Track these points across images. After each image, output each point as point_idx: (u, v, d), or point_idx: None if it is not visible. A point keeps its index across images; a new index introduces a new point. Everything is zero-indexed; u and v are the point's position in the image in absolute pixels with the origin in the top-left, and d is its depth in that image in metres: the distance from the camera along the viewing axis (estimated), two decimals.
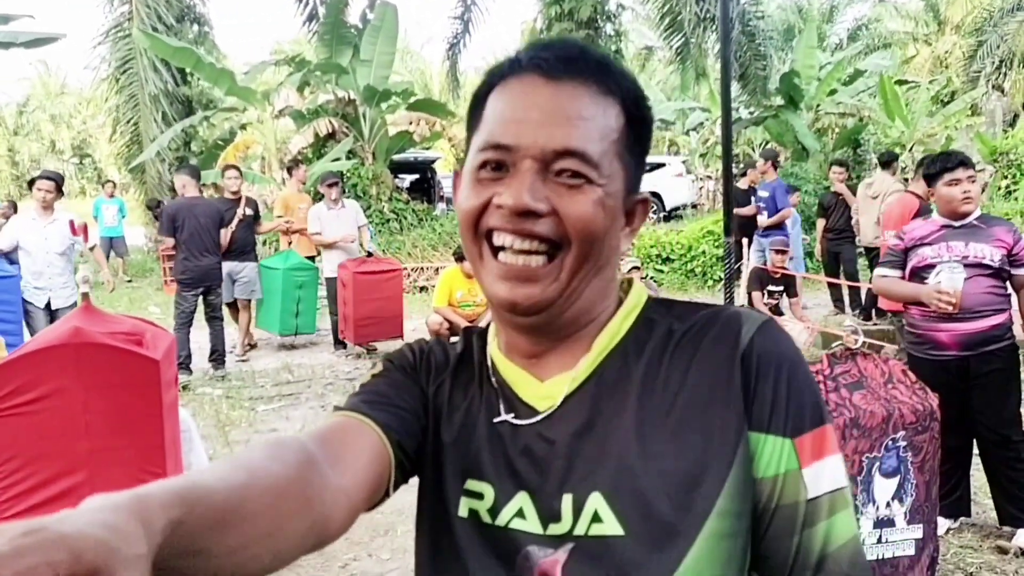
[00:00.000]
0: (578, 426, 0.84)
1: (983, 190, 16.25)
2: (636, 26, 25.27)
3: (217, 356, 7.70)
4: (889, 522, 3.06)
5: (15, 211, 10.62)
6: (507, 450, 0.86)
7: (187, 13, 16.54)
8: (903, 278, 3.88)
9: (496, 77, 0.87)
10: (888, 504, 3.06)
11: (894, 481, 3.06)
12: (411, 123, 16.44)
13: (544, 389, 0.87)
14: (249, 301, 8.44)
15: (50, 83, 48.71)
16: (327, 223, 8.40)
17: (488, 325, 0.96)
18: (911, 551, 3.10)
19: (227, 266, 7.90)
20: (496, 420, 0.88)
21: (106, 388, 2.89)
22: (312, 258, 9.24)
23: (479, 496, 0.86)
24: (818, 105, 16.67)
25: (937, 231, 3.81)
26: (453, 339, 1.01)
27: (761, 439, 0.80)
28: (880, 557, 3.05)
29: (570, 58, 0.83)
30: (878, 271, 4.09)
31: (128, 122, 16.54)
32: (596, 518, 0.80)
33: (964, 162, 3.79)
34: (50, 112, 47.69)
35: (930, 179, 3.90)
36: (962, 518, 4.01)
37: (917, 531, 3.11)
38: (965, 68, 22.05)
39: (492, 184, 0.83)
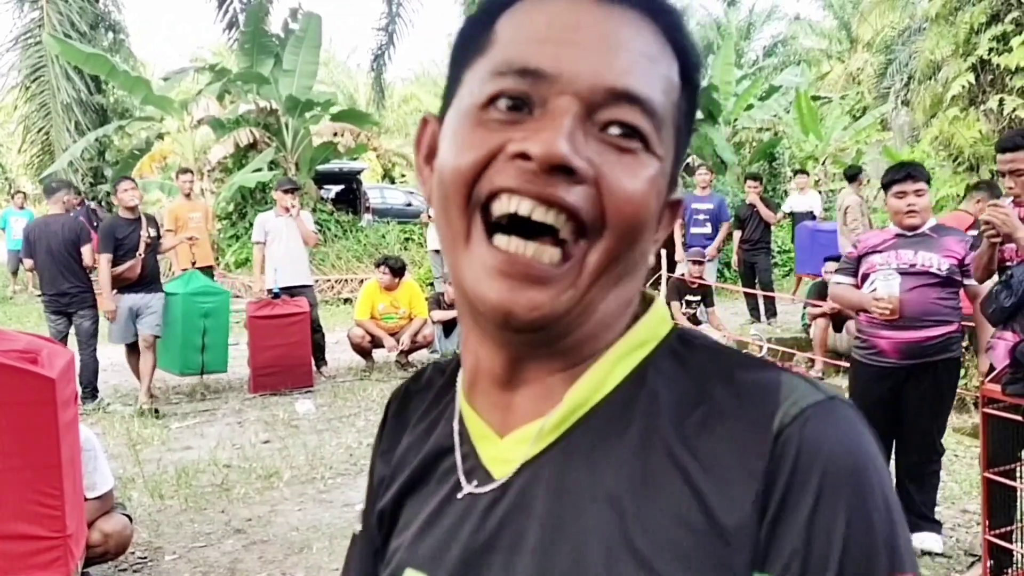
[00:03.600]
0: (529, 512, 0.61)
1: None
2: None
3: (87, 388, 6.69)
4: None
5: None
6: (448, 529, 0.66)
7: (102, 20, 16.13)
8: (856, 286, 3.92)
9: None
10: None
11: None
12: (336, 133, 16.30)
13: (502, 448, 0.64)
14: (155, 339, 6.99)
15: None
16: (276, 233, 7.67)
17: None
18: None
19: (132, 299, 6.80)
20: (446, 491, 0.68)
21: None
22: (187, 270, 8.31)
23: None
24: (736, 119, 17.10)
25: (890, 240, 3.86)
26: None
27: None
28: None
29: None
30: (833, 278, 4.16)
31: (39, 131, 16.03)
32: None
33: (912, 175, 3.80)
34: None
35: (884, 189, 3.93)
36: None
37: None
38: (876, 84, 22.92)
39: (506, 128, 0.58)
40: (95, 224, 8.31)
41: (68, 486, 2.90)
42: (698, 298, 8.99)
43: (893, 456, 4.02)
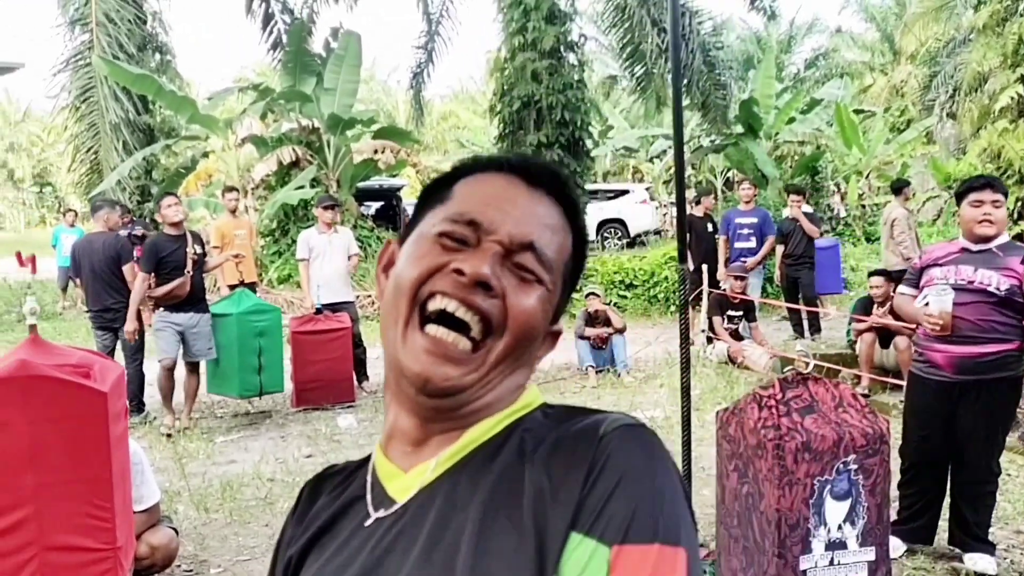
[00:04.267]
0: (422, 524, 0.79)
1: (939, 215, 16.60)
2: (599, 56, 25.59)
3: (132, 401, 6.68)
4: (841, 544, 3.09)
5: None
6: (353, 551, 0.83)
7: (149, 42, 16.45)
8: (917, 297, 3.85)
9: (471, 168, 0.91)
10: (840, 527, 3.10)
11: (846, 504, 3.10)
12: (376, 151, 16.44)
13: (406, 480, 0.84)
14: (196, 364, 6.93)
15: (10, 111, 48.09)
16: (319, 250, 7.76)
17: None
18: (863, 573, 3.13)
19: (180, 318, 6.70)
20: (355, 524, 0.85)
21: (53, 421, 2.85)
22: (234, 286, 8.37)
23: None
24: (777, 133, 16.96)
25: (954, 253, 3.77)
26: None
27: (576, 540, 0.72)
28: None
29: (552, 177, 0.90)
30: (899, 288, 4.10)
31: (88, 151, 16.36)
32: None
33: (992, 184, 3.70)
34: (9, 140, 47.04)
35: (958, 198, 3.83)
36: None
37: (869, 553, 3.14)
38: (921, 97, 22.60)
39: (450, 253, 0.83)
40: (134, 244, 8.23)
41: (118, 499, 2.95)
42: (740, 313, 8.91)
43: (949, 474, 3.93)
